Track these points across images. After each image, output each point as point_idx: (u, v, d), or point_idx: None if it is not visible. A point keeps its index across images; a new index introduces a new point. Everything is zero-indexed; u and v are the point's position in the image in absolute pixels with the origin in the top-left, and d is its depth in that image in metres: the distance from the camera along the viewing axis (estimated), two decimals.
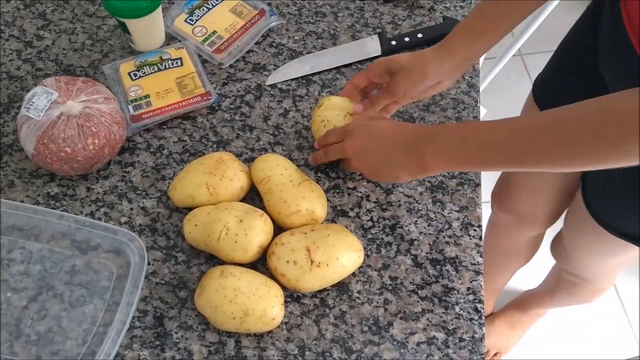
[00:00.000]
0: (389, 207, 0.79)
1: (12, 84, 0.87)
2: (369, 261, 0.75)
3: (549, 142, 0.56)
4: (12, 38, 0.92)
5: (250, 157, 0.82)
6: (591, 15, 0.84)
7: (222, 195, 0.74)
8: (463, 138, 0.64)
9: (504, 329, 1.54)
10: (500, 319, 1.55)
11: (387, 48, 0.91)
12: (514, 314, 1.54)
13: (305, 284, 0.69)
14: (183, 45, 0.89)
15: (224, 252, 0.70)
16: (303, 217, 0.73)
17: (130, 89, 0.85)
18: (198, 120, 0.85)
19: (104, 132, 0.76)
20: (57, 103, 0.76)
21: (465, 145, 0.64)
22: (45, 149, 0.75)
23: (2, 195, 0.79)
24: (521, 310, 1.53)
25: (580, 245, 1.04)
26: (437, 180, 0.81)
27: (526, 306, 1.52)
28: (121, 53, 0.91)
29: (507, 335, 1.55)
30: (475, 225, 0.78)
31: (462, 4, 0.98)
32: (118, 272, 0.73)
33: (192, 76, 0.87)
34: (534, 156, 0.59)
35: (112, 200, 0.78)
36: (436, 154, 0.66)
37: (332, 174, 0.81)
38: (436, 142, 0.66)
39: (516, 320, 1.54)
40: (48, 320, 0.70)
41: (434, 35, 0.92)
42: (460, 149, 0.64)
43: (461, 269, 0.74)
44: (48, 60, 0.90)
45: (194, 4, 0.93)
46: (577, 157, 0.56)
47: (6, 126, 0.84)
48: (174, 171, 0.81)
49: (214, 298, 0.66)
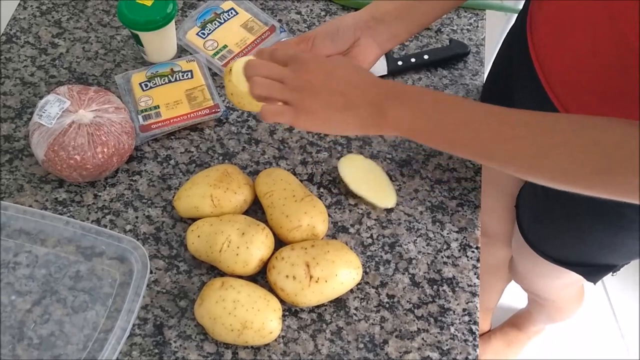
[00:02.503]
0: (389, 225, 0.80)
1: (26, 89, 0.90)
2: (367, 278, 0.76)
3: (532, 149, 0.55)
4: (27, 45, 0.94)
5: (255, 170, 0.84)
6: (506, 47, 0.86)
7: (225, 207, 0.76)
8: (436, 108, 0.59)
9: (501, 347, 1.55)
10: (497, 336, 1.55)
11: (393, 68, 0.93)
12: (510, 332, 1.55)
13: (304, 299, 0.70)
14: (194, 58, 0.91)
15: (225, 264, 0.71)
16: (304, 232, 0.74)
17: (141, 99, 0.87)
18: (205, 132, 0.87)
19: (113, 142, 0.78)
20: (69, 111, 0.77)
21: (437, 116, 0.59)
22: (55, 156, 0.76)
23: (11, 199, 0.80)
24: (517, 328, 1.54)
25: (524, 268, 1.07)
26: (438, 200, 0.82)
27: (521, 324, 1.52)
28: (133, 63, 0.93)
29: (504, 353, 1.55)
30: (474, 246, 0.79)
31: (469, 27, 0.99)
32: (121, 279, 0.75)
33: (202, 89, 0.88)
34: (507, 155, 0.57)
35: (118, 208, 0.80)
36: (401, 115, 0.60)
37: (334, 190, 0.83)
38: (404, 102, 0.60)
39: (512, 338, 1.55)
40: (50, 324, 0.72)
41: (440, 57, 0.94)
42: (429, 118, 0.59)
43: (458, 290, 0.75)
44: (62, 67, 0.92)
45: (206, 18, 0.95)
46: (548, 173, 0.56)
47: (18, 131, 0.86)
48: (180, 181, 0.82)
49: (214, 309, 0.67)
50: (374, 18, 0.70)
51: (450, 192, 0.83)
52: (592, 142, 0.52)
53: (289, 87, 0.62)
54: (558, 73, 0.67)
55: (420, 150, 0.86)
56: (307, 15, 0.99)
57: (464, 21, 1.00)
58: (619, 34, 0.55)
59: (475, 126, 0.58)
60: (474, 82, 0.93)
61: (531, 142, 0.55)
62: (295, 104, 0.62)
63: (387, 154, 0.86)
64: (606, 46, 0.58)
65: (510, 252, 1.22)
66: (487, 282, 1.40)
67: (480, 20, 1.00)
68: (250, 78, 0.64)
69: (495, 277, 1.35)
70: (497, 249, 1.17)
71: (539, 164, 0.56)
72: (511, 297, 1.52)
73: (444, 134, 0.60)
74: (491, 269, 1.32)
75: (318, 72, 0.62)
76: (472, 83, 0.93)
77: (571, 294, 1.17)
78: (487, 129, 0.57)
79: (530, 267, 1.03)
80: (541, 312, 1.31)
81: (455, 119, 0.59)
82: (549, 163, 0.55)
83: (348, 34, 0.70)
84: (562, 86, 0.67)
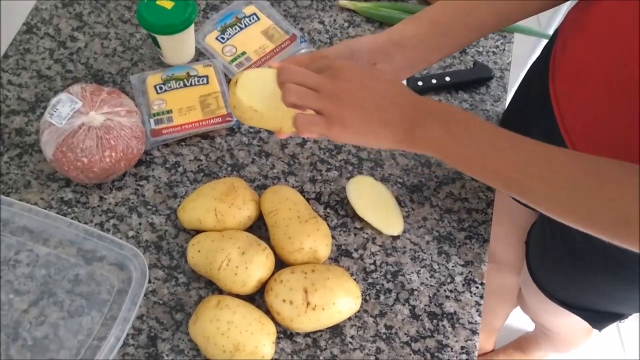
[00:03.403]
0: (394, 253, 0.78)
1: (41, 83, 0.89)
2: (366, 306, 0.75)
3: (563, 193, 0.54)
4: (47, 36, 0.94)
5: (262, 184, 0.83)
6: (523, 93, 0.83)
7: (229, 222, 0.75)
8: (471, 131, 0.57)
9: None
10: (500, 357, 1.53)
11: (413, 87, 0.90)
12: (513, 354, 1.53)
13: (300, 325, 0.69)
14: (211, 63, 0.90)
15: (223, 283, 0.71)
16: (306, 255, 0.73)
17: (154, 102, 0.86)
18: (216, 140, 0.86)
19: (122, 146, 0.77)
20: (80, 113, 0.77)
21: (470, 140, 0.57)
22: (63, 157, 0.76)
23: (18, 194, 0.80)
24: (521, 351, 1.52)
25: (531, 302, 1.05)
26: (446, 230, 0.80)
27: (526, 348, 1.50)
28: (150, 64, 0.92)
29: None
30: (478, 282, 0.77)
31: (495, 49, 0.96)
32: (119, 286, 0.74)
33: (216, 96, 0.87)
34: (536, 192, 0.56)
35: (123, 213, 0.80)
36: (435, 135, 0.58)
37: (341, 211, 0.81)
38: (439, 121, 0.58)
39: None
40: (45, 326, 0.72)
41: (462, 80, 0.91)
42: (461, 141, 0.58)
43: (458, 327, 0.74)
44: (79, 63, 0.91)
45: (227, 22, 0.94)
46: (571, 215, 0.55)
47: (30, 125, 0.86)
48: (186, 190, 0.82)
49: (208, 328, 0.67)
50: (393, 43, 0.68)
51: (460, 223, 0.81)
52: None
53: (323, 95, 0.60)
54: (574, 117, 0.65)
55: (433, 176, 0.84)
56: (330, 26, 0.97)
57: (491, 43, 0.97)
58: (631, 80, 0.53)
59: (509, 155, 0.56)
60: (495, 108, 0.91)
61: (564, 186, 0.53)
62: (328, 114, 0.59)
63: (398, 178, 0.84)
64: (618, 94, 0.56)
65: (519, 279, 1.20)
66: (494, 305, 1.38)
67: (507, 43, 0.97)
68: (284, 84, 0.61)
69: (502, 301, 1.32)
70: (506, 276, 1.15)
71: (562, 208, 0.55)
72: (517, 318, 1.50)
73: (475, 159, 0.58)
74: (499, 293, 1.30)
75: (354, 83, 0.60)
76: (492, 110, 0.91)
77: (578, 328, 1.14)
78: (517, 157, 0.56)
79: (537, 303, 1.01)
80: (547, 342, 1.29)
81: (489, 145, 0.57)
82: (572, 208, 0.54)
83: (362, 58, 0.67)
84: (577, 130, 0.65)
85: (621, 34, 0.57)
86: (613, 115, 0.59)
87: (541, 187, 0.55)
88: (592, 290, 0.81)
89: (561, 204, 0.54)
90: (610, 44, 0.59)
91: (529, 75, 0.84)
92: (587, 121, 0.64)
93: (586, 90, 0.63)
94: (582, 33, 0.64)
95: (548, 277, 0.87)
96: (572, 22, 0.69)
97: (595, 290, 0.81)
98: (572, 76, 0.66)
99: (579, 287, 0.82)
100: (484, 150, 0.57)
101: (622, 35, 0.57)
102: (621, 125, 0.58)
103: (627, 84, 0.55)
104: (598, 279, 0.76)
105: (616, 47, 0.58)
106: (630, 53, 0.54)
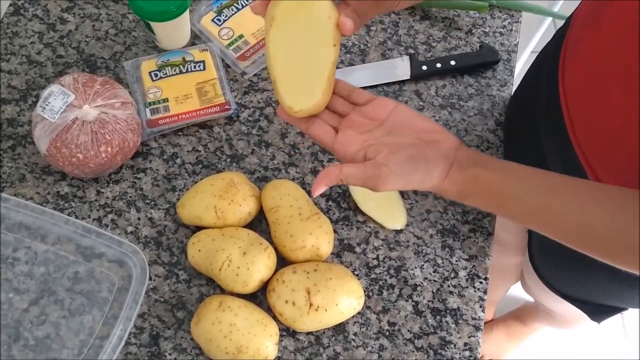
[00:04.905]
0: (397, 247, 0.77)
1: (32, 69, 0.86)
2: (369, 302, 0.74)
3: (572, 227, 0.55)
4: (35, 18, 0.90)
5: (262, 176, 0.81)
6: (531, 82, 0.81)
7: (229, 219, 0.74)
8: (500, 189, 0.57)
9: (501, 338, 1.55)
10: (500, 327, 1.55)
11: (417, 72, 0.87)
12: (513, 324, 1.54)
13: (302, 325, 0.69)
14: (207, 47, 0.87)
15: (224, 283, 0.70)
16: (308, 252, 0.72)
17: (150, 90, 0.83)
18: (215, 130, 0.84)
19: (118, 140, 0.75)
20: (73, 106, 0.74)
21: (483, 186, 0.58)
22: (57, 153, 0.74)
23: (13, 189, 0.79)
24: (520, 322, 1.53)
25: (533, 286, 1.05)
26: (450, 224, 0.79)
27: (525, 319, 1.51)
28: (144, 47, 0.89)
29: (504, 345, 1.55)
30: (482, 277, 0.76)
31: (502, 30, 0.93)
32: (119, 284, 0.74)
33: (214, 83, 0.84)
34: (549, 231, 0.57)
35: (121, 207, 0.78)
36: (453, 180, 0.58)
37: (343, 204, 0.80)
38: (461, 168, 0.58)
39: (514, 330, 1.54)
40: (47, 326, 0.71)
41: (468, 64, 0.88)
42: (488, 198, 0.58)
43: (461, 322, 0.73)
44: (70, 47, 0.88)
45: (223, 3, 0.90)
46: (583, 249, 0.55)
47: (22, 115, 0.83)
48: (185, 183, 0.80)
49: (210, 330, 0.66)
50: None
51: (464, 215, 0.80)
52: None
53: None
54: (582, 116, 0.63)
55: None
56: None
57: (498, 22, 0.93)
58: None
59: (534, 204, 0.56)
60: (502, 93, 0.88)
61: (570, 221, 0.54)
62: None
63: None
64: (630, 96, 0.54)
65: (521, 259, 1.20)
66: (496, 280, 1.38)
67: (515, 22, 0.94)
68: None
69: (504, 277, 1.33)
70: (509, 257, 1.15)
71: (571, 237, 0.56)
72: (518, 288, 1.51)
73: (490, 206, 0.59)
74: (501, 271, 1.30)
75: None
76: (499, 95, 0.88)
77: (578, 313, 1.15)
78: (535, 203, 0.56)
79: (538, 289, 1.01)
80: (546, 316, 1.29)
81: (509, 192, 0.57)
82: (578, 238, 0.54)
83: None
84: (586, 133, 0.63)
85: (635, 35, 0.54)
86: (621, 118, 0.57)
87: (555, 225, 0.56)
88: (593, 286, 0.81)
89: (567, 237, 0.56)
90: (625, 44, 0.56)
91: (538, 63, 0.81)
92: (594, 123, 0.62)
93: (596, 91, 0.60)
94: (596, 32, 0.61)
95: (549, 270, 0.87)
96: (586, 15, 0.65)
97: (595, 286, 0.80)
98: (583, 75, 0.63)
99: (579, 281, 0.82)
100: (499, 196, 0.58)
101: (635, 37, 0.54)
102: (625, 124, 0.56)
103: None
104: (599, 276, 0.75)
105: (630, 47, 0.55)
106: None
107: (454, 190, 0.58)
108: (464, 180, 0.57)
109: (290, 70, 0.57)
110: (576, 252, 0.74)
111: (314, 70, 0.57)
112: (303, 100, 0.58)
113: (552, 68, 0.69)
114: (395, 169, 0.56)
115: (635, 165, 0.55)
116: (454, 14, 0.93)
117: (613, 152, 0.59)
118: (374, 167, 0.57)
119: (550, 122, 0.69)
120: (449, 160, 0.58)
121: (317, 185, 0.58)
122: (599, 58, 0.59)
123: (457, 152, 0.58)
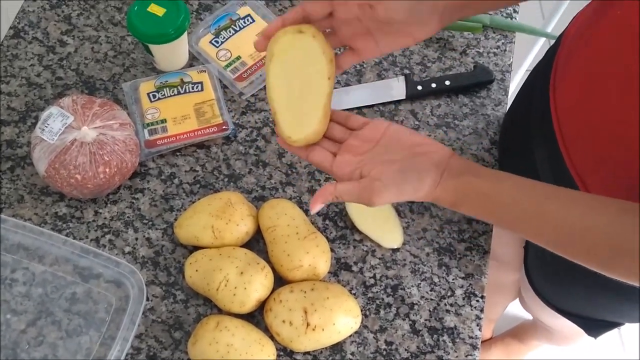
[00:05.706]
0: (394, 266, 0.78)
1: (31, 91, 0.87)
2: (366, 321, 0.74)
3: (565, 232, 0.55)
4: (35, 41, 0.91)
5: (260, 195, 0.81)
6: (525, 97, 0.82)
7: (227, 239, 0.74)
8: (491, 199, 0.58)
9: (500, 357, 1.54)
10: (498, 345, 1.54)
11: (412, 92, 0.88)
12: (511, 342, 1.54)
13: (299, 345, 0.69)
14: (205, 68, 0.88)
15: (222, 303, 0.70)
16: (305, 272, 0.72)
17: (148, 111, 0.84)
18: (212, 150, 0.84)
19: (116, 161, 0.76)
20: (72, 128, 0.75)
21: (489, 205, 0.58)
22: (56, 174, 0.74)
23: (11, 210, 0.79)
24: (518, 340, 1.53)
25: (530, 303, 1.05)
26: (446, 242, 0.80)
27: (523, 337, 1.51)
28: (142, 69, 0.90)
29: None
30: (479, 295, 0.76)
31: (496, 50, 0.94)
32: (117, 304, 0.74)
33: (211, 103, 0.85)
34: (544, 238, 0.57)
35: (118, 228, 0.78)
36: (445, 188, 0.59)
37: (340, 223, 0.80)
38: (452, 176, 0.59)
39: (513, 349, 1.54)
40: (44, 347, 0.71)
41: (462, 84, 0.89)
42: (481, 205, 0.59)
43: (458, 342, 0.74)
44: (69, 69, 0.89)
45: (221, 24, 0.91)
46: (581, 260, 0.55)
47: (21, 136, 0.84)
48: (183, 203, 0.80)
49: (207, 351, 0.66)
50: None
51: (460, 234, 0.80)
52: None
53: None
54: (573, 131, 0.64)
55: None
56: None
57: (492, 43, 0.95)
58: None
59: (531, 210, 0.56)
60: (496, 113, 0.89)
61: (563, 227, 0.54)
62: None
63: None
64: (623, 109, 0.55)
65: (518, 276, 1.20)
66: (494, 297, 1.38)
67: (508, 43, 0.95)
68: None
69: (502, 295, 1.33)
70: (506, 273, 1.15)
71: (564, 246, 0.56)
72: (516, 306, 1.50)
73: (484, 214, 0.60)
74: (499, 288, 1.30)
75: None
76: (493, 114, 0.89)
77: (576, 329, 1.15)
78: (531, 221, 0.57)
79: (535, 305, 1.01)
80: (545, 334, 1.29)
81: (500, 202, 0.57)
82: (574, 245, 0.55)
83: None
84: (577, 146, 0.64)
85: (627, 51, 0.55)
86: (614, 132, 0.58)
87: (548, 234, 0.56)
88: (589, 301, 0.81)
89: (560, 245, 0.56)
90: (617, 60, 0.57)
91: (531, 79, 0.82)
92: (586, 136, 0.62)
93: (587, 106, 0.61)
94: (587, 49, 0.62)
95: (546, 286, 0.87)
96: (577, 34, 0.67)
97: (592, 301, 0.80)
98: (574, 91, 0.64)
99: (576, 297, 0.82)
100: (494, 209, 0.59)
101: (627, 53, 0.55)
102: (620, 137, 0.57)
103: (633, 98, 0.53)
104: (596, 291, 0.76)
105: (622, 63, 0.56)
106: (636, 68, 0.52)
107: (447, 197, 0.59)
108: (456, 187, 0.58)
109: (289, 103, 0.60)
110: (573, 266, 0.75)
111: (310, 102, 0.60)
112: (300, 130, 0.61)
113: (544, 82, 0.71)
114: (387, 181, 0.58)
115: (622, 179, 0.56)
116: (449, 35, 0.95)
117: (604, 164, 0.60)
118: (367, 182, 0.59)
119: (542, 134, 0.70)
120: (440, 168, 0.59)
121: (314, 203, 0.60)
122: (594, 66, 0.60)
123: (449, 160, 0.60)
